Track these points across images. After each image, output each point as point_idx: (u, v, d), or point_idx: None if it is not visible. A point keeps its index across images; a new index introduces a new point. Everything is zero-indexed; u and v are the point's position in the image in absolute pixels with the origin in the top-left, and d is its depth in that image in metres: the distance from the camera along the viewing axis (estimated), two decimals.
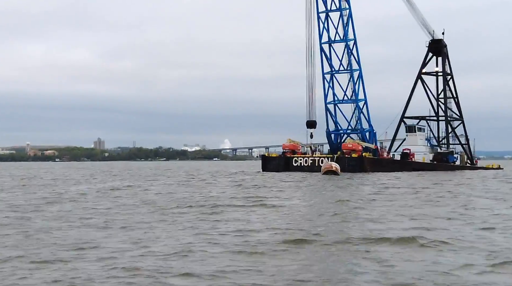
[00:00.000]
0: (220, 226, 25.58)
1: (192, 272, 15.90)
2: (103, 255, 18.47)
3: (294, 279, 15.14)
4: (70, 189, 55.82)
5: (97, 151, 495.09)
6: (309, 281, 15.01)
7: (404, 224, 26.17)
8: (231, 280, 15.12)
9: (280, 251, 19.23)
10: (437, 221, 27.32)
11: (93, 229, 24.91)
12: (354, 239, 21.38)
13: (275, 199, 40.91)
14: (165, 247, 19.93)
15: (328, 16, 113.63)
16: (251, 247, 19.87)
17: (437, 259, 17.70)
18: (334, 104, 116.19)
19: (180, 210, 32.98)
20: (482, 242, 20.97)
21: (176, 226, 25.64)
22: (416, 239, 21.04)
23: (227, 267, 16.57)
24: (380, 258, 17.82)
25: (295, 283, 14.85)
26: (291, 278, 15.25)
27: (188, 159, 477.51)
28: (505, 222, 27.21)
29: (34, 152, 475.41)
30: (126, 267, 16.54)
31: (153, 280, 15.09)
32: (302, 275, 15.60)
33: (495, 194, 45.78)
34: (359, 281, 15.04)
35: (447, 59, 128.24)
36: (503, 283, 14.95)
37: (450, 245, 20.24)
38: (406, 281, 14.92)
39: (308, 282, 14.93)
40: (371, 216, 29.49)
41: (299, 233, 23.06)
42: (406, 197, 42.60)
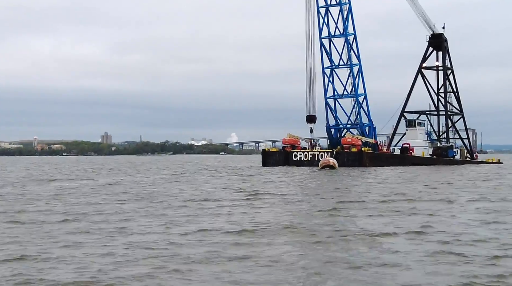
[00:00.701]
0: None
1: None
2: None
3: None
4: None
5: (104, 146, 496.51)
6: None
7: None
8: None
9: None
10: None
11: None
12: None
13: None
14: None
15: (328, 11, 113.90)
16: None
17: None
18: (334, 99, 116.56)
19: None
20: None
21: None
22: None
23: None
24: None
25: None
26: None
27: (194, 153, 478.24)
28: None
29: (41, 147, 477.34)
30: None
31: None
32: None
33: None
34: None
35: (447, 53, 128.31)
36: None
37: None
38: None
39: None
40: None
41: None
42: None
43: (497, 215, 28.10)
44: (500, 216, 27.87)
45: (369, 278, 15.12)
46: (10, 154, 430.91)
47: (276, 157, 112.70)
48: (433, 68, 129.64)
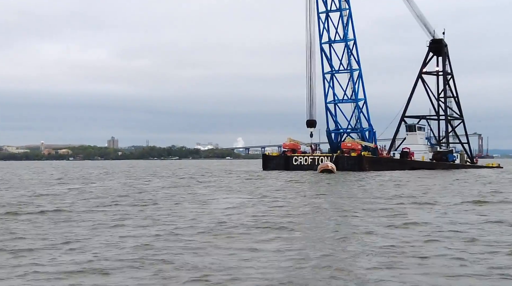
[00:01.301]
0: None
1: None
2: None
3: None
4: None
5: (111, 150, 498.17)
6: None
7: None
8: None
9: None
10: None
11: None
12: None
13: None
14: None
15: (328, 16, 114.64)
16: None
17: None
18: (334, 104, 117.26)
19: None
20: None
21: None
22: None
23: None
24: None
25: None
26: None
27: (201, 158, 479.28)
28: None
29: (48, 151, 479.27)
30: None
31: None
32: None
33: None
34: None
35: (447, 58, 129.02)
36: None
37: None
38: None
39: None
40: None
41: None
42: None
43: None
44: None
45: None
46: (17, 159, 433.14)
47: (276, 161, 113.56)
48: (433, 73, 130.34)
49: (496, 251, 18.99)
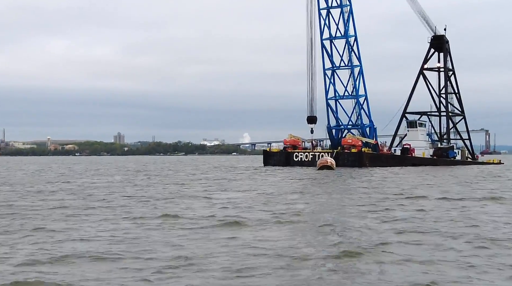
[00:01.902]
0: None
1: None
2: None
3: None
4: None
5: (117, 146, 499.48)
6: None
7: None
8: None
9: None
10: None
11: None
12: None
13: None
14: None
15: (329, 13, 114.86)
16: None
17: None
18: (335, 100, 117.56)
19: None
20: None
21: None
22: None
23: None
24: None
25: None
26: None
27: (207, 153, 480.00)
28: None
29: (54, 147, 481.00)
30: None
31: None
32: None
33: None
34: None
35: (449, 54, 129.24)
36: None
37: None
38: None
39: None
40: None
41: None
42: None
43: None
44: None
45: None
46: (23, 154, 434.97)
47: (277, 157, 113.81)
48: (434, 69, 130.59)
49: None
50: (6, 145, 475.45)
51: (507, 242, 19.79)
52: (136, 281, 14.62)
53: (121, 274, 15.37)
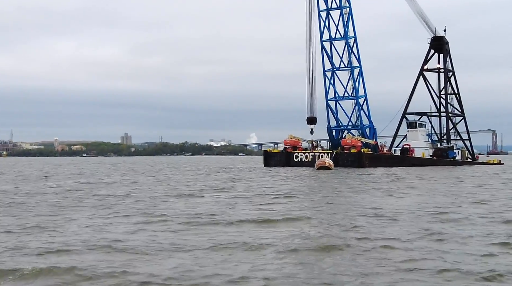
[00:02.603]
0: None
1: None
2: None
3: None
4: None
5: (124, 146, 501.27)
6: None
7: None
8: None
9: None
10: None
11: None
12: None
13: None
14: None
15: (329, 14, 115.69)
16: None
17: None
18: (335, 101, 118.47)
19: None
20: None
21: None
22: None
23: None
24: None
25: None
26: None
27: (213, 154, 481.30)
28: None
29: (62, 147, 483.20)
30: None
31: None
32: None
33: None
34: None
35: (448, 56, 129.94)
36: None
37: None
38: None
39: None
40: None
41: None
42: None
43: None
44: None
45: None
46: (31, 155, 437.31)
47: (277, 158, 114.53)
48: (434, 70, 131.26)
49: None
50: (13, 146, 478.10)
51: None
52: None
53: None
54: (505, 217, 26.52)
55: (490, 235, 21.29)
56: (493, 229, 22.80)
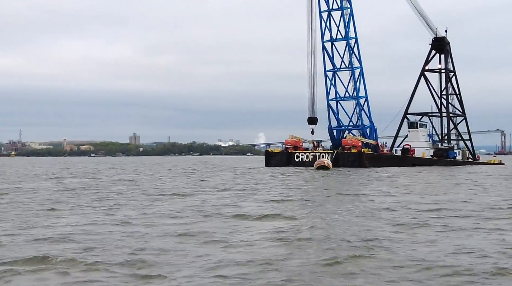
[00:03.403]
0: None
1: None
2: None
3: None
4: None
5: (132, 146, 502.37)
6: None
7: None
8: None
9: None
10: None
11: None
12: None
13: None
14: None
15: (330, 15, 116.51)
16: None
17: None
18: (336, 101, 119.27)
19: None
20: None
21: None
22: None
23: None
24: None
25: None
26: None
27: (221, 154, 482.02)
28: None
29: (70, 147, 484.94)
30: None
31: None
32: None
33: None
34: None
35: (450, 56, 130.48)
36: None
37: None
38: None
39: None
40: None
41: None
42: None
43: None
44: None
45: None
46: (39, 155, 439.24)
47: (278, 157, 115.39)
48: (435, 70, 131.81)
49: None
50: (22, 146, 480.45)
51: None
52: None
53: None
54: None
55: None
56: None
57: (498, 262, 16.26)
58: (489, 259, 16.70)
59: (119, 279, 14.61)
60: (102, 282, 14.33)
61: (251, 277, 14.68)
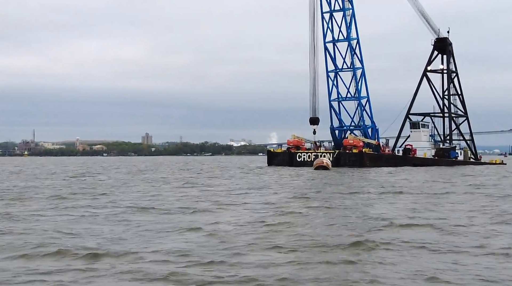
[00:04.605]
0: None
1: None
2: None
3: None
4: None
5: (144, 146, 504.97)
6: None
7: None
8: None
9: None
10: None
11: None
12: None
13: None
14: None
15: (332, 16, 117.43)
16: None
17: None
18: (338, 101, 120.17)
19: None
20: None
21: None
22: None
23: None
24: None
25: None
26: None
27: (233, 154, 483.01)
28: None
29: (83, 147, 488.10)
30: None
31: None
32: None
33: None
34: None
35: (452, 57, 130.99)
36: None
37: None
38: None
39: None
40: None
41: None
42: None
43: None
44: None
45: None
46: (52, 155, 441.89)
47: (280, 157, 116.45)
48: (438, 71, 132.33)
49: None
50: (35, 146, 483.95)
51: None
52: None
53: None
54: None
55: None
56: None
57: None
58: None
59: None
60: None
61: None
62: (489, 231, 22.12)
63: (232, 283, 14.28)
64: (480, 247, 18.64)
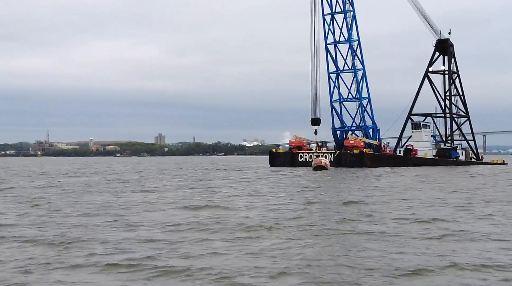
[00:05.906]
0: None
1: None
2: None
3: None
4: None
5: (157, 146, 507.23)
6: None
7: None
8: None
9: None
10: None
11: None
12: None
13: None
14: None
15: (333, 18, 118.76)
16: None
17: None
18: (340, 102, 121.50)
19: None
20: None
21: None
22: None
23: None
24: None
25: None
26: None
27: (246, 154, 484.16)
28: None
29: (96, 147, 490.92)
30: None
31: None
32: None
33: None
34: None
35: (453, 58, 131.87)
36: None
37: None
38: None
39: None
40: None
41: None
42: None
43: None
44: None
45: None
46: (66, 155, 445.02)
47: (282, 158, 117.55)
48: (439, 72, 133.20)
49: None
50: (50, 146, 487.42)
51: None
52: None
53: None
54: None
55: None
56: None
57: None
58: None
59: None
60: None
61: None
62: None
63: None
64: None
